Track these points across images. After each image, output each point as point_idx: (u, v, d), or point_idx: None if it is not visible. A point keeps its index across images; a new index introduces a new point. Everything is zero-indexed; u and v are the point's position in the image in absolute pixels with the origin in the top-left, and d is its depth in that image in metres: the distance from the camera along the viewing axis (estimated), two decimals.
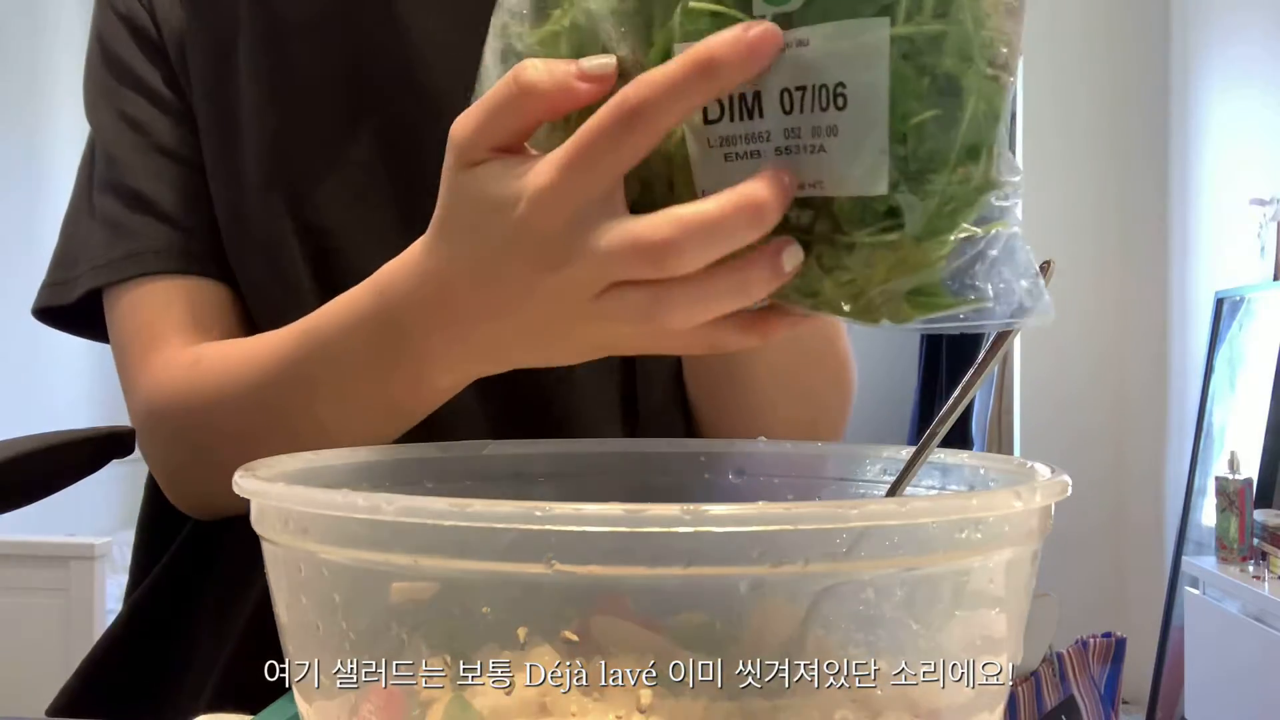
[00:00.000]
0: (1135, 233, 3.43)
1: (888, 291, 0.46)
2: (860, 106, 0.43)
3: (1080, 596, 3.22)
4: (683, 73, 0.44)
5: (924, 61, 0.43)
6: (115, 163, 0.80)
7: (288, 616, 0.44)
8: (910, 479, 0.51)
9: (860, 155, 0.44)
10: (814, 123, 0.44)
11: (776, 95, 0.45)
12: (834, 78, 0.44)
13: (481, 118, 0.50)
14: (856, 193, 0.44)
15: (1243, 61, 2.99)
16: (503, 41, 0.52)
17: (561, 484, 0.60)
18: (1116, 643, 0.69)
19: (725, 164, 0.46)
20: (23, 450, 0.57)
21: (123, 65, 0.82)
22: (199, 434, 0.74)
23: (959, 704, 0.42)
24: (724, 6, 0.45)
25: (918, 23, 0.43)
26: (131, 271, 0.78)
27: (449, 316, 0.56)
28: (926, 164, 0.44)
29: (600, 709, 0.40)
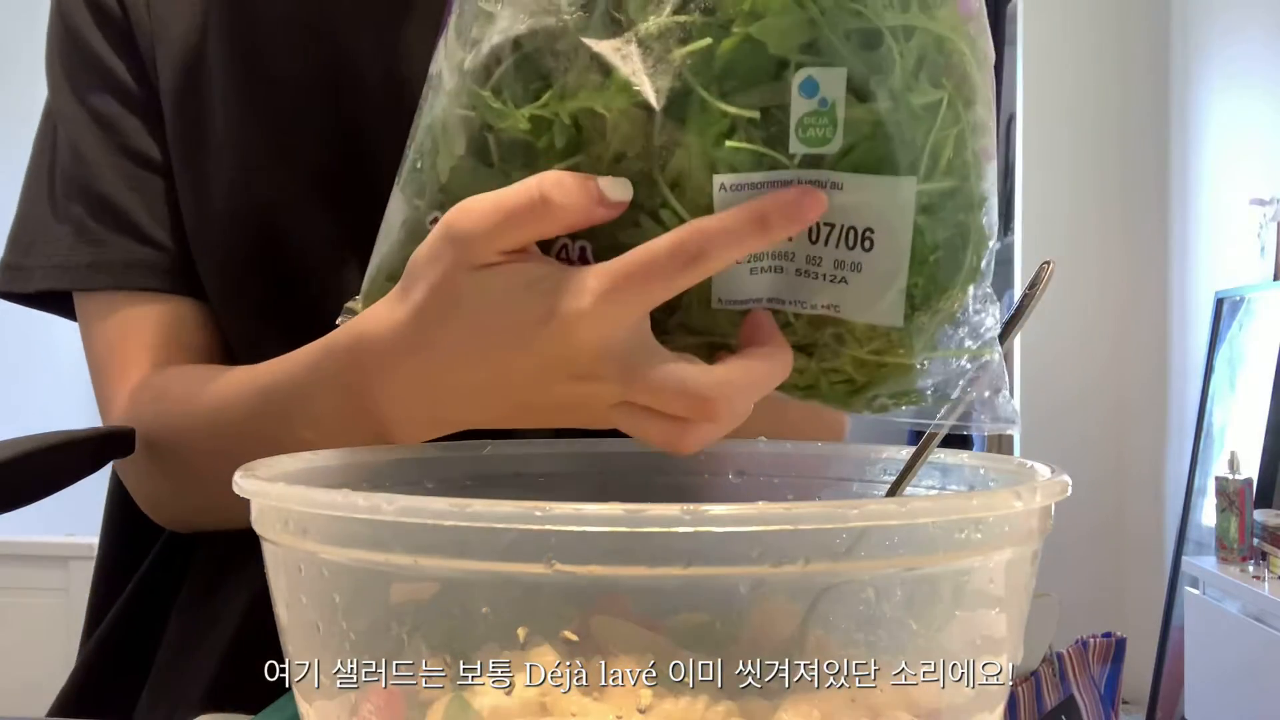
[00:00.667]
0: (1135, 233, 3.43)
1: (875, 392, 0.53)
2: (886, 251, 0.49)
3: (1080, 596, 3.22)
4: (739, 225, 0.48)
5: (940, 213, 0.49)
6: (82, 161, 0.78)
7: (288, 616, 0.44)
8: (910, 479, 0.51)
9: (885, 293, 0.50)
10: (838, 256, 0.49)
11: (808, 227, 0.50)
12: (864, 223, 0.49)
13: (497, 221, 0.50)
14: (874, 322, 0.50)
15: (1243, 61, 2.99)
16: (469, 109, 0.52)
17: (561, 484, 0.60)
18: (1116, 643, 0.69)
19: (749, 276, 0.51)
20: (23, 450, 0.57)
21: (88, 52, 0.79)
22: (166, 468, 0.74)
23: (959, 704, 0.42)
24: (761, 147, 0.48)
25: (936, 180, 0.49)
26: (101, 283, 0.77)
27: (427, 395, 0.56)
28: (931, 300, 0.50)
29: (600, 709, 0.40)
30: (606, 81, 0.49)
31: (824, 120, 0.48)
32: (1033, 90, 3.50)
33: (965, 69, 0.49)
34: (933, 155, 0.49)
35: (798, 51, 0.48)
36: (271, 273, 0.76)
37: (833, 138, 0.48)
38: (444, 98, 0.54)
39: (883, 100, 0.48)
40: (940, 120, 0.49)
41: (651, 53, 0.48)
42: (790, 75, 0.48)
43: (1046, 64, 3.48)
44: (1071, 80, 3.46)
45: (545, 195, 0.49)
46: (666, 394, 0.50)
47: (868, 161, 0.48)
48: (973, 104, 0.50)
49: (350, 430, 0.61)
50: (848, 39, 0.47)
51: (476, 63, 0.52)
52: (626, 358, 0.50)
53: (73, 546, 2.63)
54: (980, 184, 0.50)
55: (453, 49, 0.54)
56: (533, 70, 0.51)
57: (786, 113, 0.48)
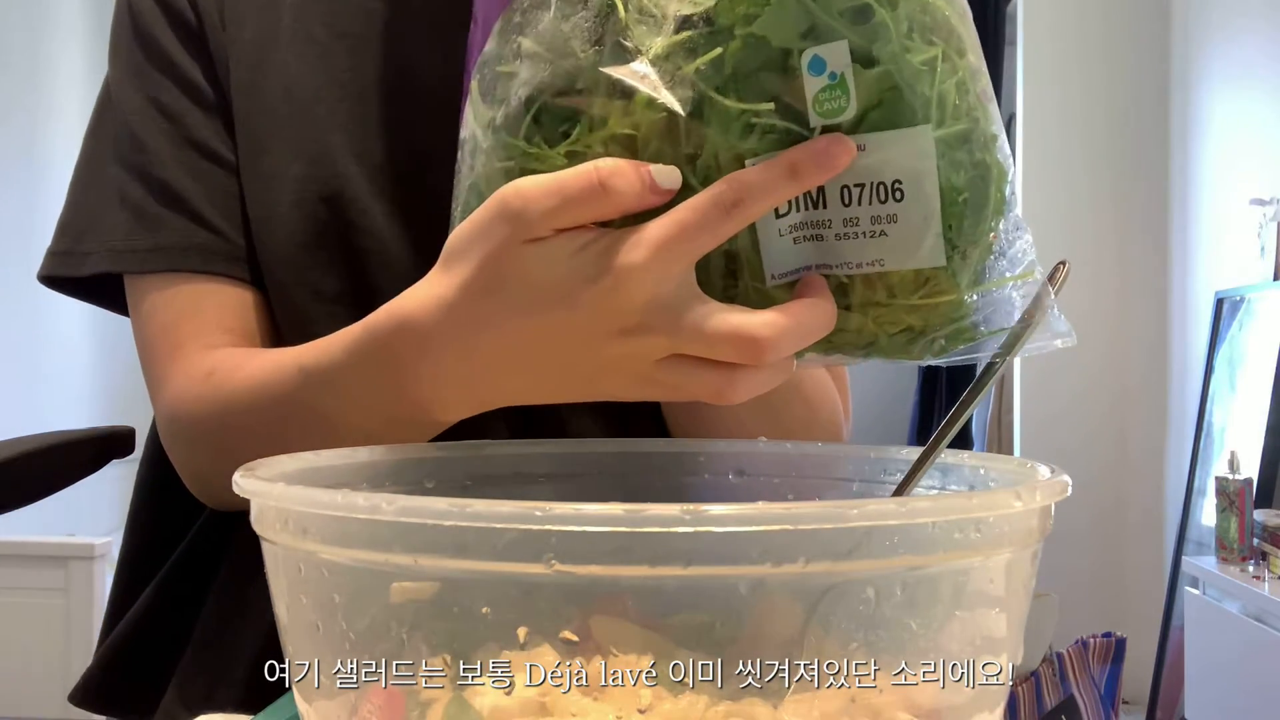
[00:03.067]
0: (1135, 233, 3.43)
1: (932, 335, 0.56)
2: (917, 198, 0.53)
3: (1080, 596, 3.22)
4: (773, 175, 0.52)
5: (959, 156, 0.53)
6: (143, 149, 0.80)
7: (288, 616, 0.44)
8: (917, 481, 0.51)
9: (924, 237, 0.53)
10: (873, 213, 0.53)
11: (837, 191, 0.53)
12: (891, 176, 0.53)
13: (556, 202, 0.53)
14: (919, 266, 0.54)
15: (1243, 61, 2.99)
16: (507, 160, 0.56)
17: (561, 484, 0.60)
18: (1116, 643, 0.69)
19: (793, 246, 0.55)
20: (23, 450, 0.57)
21: (156, 48, 0.81)
22: (214, 444, 0.75)
23: (959, 704, 0.42)
24: (781, 121, 0.53)
25: (948, 125, 0.53)
26: (158, 265, 0.78)
27: (470, 370, 0.58)
28: (969, 236, 0.54)
29: (600, 709, 0.40)
30: (630, 105, 0.53)
31: (837, 92, 0.52)
32: (1033, 90, 3.50)
33: (951, 24, 0.53)
34: (940, 104, 0.52)
35: (799, 39, 0.52)
36: (331, 260, 0.78)
37: (847, 106, 0.52)
38: (481, 156, 0.58)
39: (886, 63, 0.52)
40: (940, 72, 0.52)
41: (666, 70, 0.53)
42: (797, 60, 0.52)
43: (1046, 64, 3.48)
44: (1071, 80, 3.46)
45: (604, 179, 0.52)
46: (717, 337, 0.53)
47: (883, 120, 0.52)
48: (964, 53, 0.54)
49: (390, 409, 0.63)
50: (841, 17, 0.52)
51: (507, 117, 0.56)
52: (677, 306, 0.53)
53: (73, 546, 2.63)
54: (989, 123, 0.54)
55: (480, 111, 0.58)
56: (560, 112, 0.55)
57: (801, 95, 0.52)
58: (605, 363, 0.55)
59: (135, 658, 0.83)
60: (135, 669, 0.83)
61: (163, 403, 0.78)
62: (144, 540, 0.87)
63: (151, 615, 0.84)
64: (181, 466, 0.80)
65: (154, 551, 0.86)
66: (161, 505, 0.85)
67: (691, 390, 0.55)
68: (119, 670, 0.84)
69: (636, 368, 0.55)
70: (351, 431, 0.63)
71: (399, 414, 0.63)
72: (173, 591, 0.84)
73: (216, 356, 0.76)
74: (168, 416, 0.77)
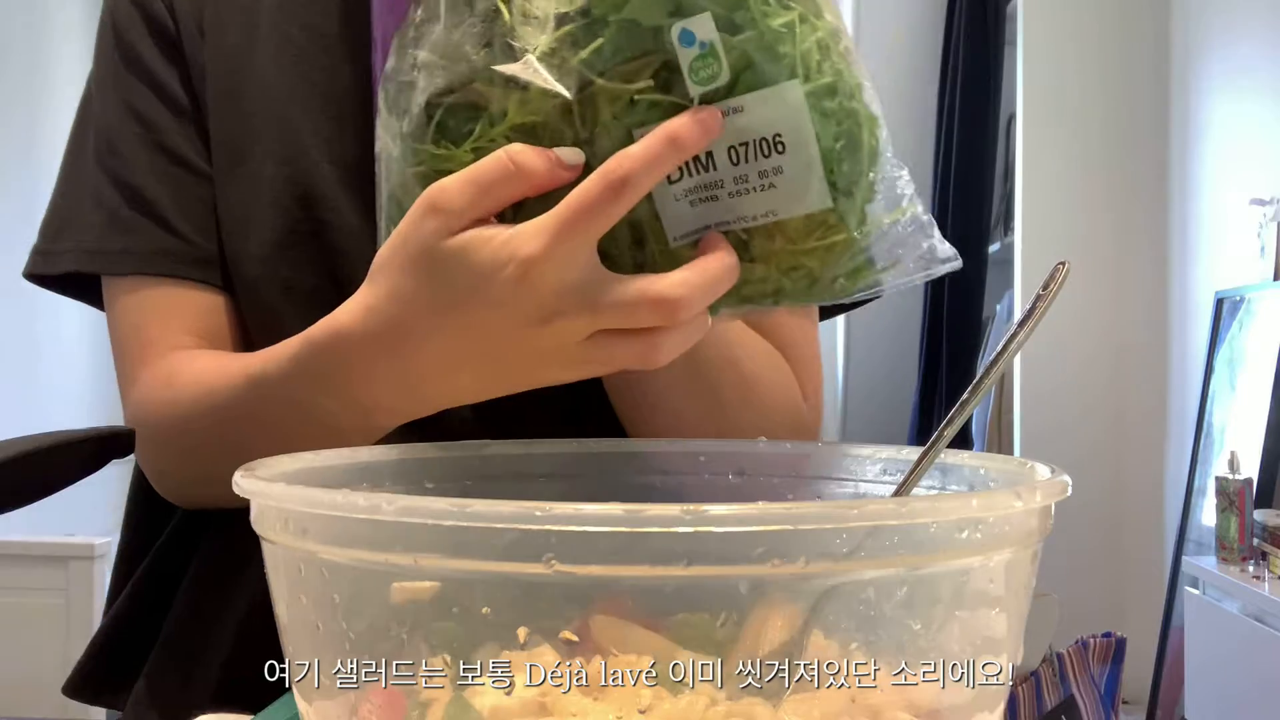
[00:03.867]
0: (1135, 232, 3.43)
1: (832, 275, 0.60)
2: (797, 148, 0.57)
3: (1080, 596, 3.22)
4: (657, 147, 0.55)
5: (827, 105, 0.58)
6: (117, 153, 0.81)
7: (288, 616, 0.44)
8: (917, 481, 0.51)
9: (809, 183, 0.58)
10: (760, 168, 0.58)
11: (725, 152, 0.58)
12: (770, 131, 0.57)
13: (472, 192, 0.56)
14: (808, 210, 0.58)
15: (1243, 61, 2.99)
16: (418, 165, 0.60)
17: (561, 484, 0.60)
18: (1116, 643, 0.69)
19: (691, 209, 0.59)
20: (23, 450, 0.57)
21: (134, 54, 0.83)
22: (175, 447, 0.77)
23: (959, 704, 0.42)
24: (663, 95, 0.57)
25: (815, 79, 0.57)
26: (127, 268, 0.80)
27: (407, 373, 0.61)
28: (850, 178, 0.58)
29: (600, 709, 0.40)
30: (526, 96, 0.58)
31: (709, 60, 0.56)
32: (1033, 90, 3.50)
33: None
34: (804, 61, 0.57)
35: (666, 16, 0.56)
36: (305, 258, 0.79)
37: (720, 72, 0.56)
38: (395, 164, 0.62)
39: (748, 29, 0.56)
40: (800, 32, 0.57)
41: (553, 64, 0.57)
42: (668, 36, 0.56)
43: (1046, 64, 3.48)
44: (1071, 80, 3.46)
45: (514, 159, 0.56)
46: (631, 306, 0.56)
47: (756, 81, 0.57)
48: (821, 14, 0.58)
49: (333, 417, 0.65)
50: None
51: (412, 124, 0.60)
52: (586, 288, 0.56)
53: (72, 546, 2.63)
54: (853, 76, 0.59)
55: (389, 123, 0.63)
56: (461, 113, 0.59)
57: (677, 68, 0.57)
58: (535, 351, 0.58)
59: (119, 650, 0.85)
60: (120, 661, 0.85)
61: (129, 404, 0.80)
62: (136, 537, 0.89)
63: (131, 610, 0.85)
64: (146, 466, 0.82)
65: (145, 548, 0.87)
66: (151, 503, 0.86)
67: (621, 360, 0.58)
68: (105, 662, 0.85)
69: (566, 351, 0.58)
70: (299, 438, 0.63)
71: (343, 422, 0.65)
72: (149, 587, 0.85)
73: (177, 360, 0.78)
74: (132, 419, 0.79)
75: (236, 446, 0.64)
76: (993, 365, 0.49)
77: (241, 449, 0.60)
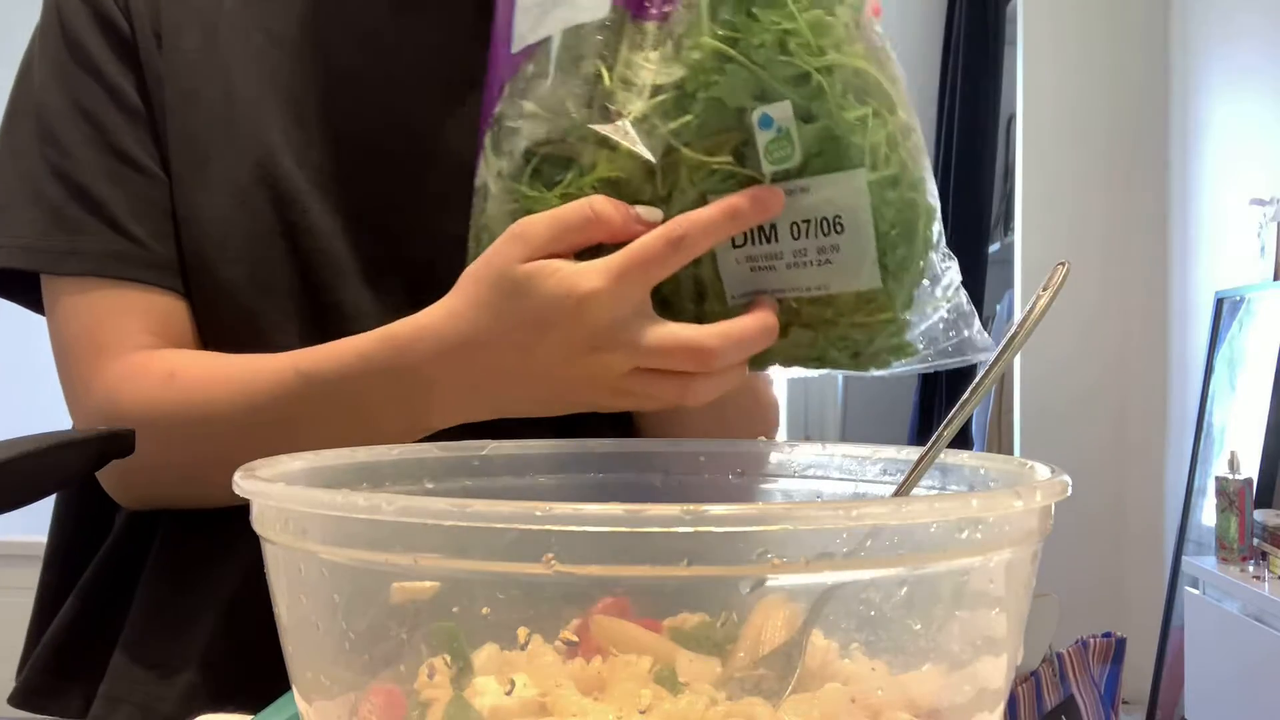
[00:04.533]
0: (1135, 233, 3.43)
1: (875, 349, 0.66)
2: (855, 231, 0.62)
3: (1080, 596, 3.22)
4: (717, 216, 0.62)
5: (889, 195, 0.62)
6: (64, 152, 0.79)
7: (288, 616, 0.44)
8: (917, 481, 0.51)
9: (862, 264, 0.63)
10: (819, 244, 0.63)
11: (787, 227, 0.63)
12: (832, 212, 0.62)
13: (555, 229, 0.63)
14: (858, 289, 0.63)
15: (1243, 61, 2.99)
16: (513, 203, 0.67)
17: (561, 484, 0.60)
18: (1116, 643, 0.69)
19: (750, 273, 0.65)
20: (23, 450, 0.57)
21: (84, 52, 0.80)
22: (171, 442, 0.75)
23: (959, 704, 0.42)
24: (738, 168, 0.63)
25: (880, 170, 0.62)
26: (76, 268, 0.78)
27: (472, 378, 0.67)
28: (901, 263, 0.63)
29: (600, 709, 0.40)
30: (615, 154, 0.64)
31: (784, 143, 0.62)
32: (1033, 90, 3.50)
33: (882, 88, 0.63)
34: (873, 152, 0.62)
35: (751, 99, 0.62)
36: (281, 258, 0.79)
37: (792, 154, 0.62)
38: (491, 200, 0.69)
39: (823, 119, 0.61)
40: (871, 126, 0.62)
41: (644, 128, 0.63)
42: (750, 117, 0.62)
43: (1046, 64, 3.48)
44: (1071, 80, 3.46)
45: (595, 207, 0.63)
46: (670, 350, 0.62)
47: (824, 165, 0.62)
48: (894, 112, 0.63)
49: (390, 417, 0.69)
50: (785, 82, 0.61)
51: (512, 166, 0.67)
52: (635, 328, 0.63)
53: None
54: (917, 170, 0.63)
55: (491, 162, 0.69)
56: (556, 161, 0.66)
57: (754, 145, 0.62)
58: (581, 377, 0.64)
59: (72, 658, 0.83)
60: (72, 669, 0.82)
61: (95, 400, 0.77)
62: (71, 543, 0.86)
63: (82, 616, 0.83)
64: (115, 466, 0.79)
65: (79, 554, 0.85)
66: (87, 508, 0.84)
67: (656, 397, 0.65)
68: (57, 671, 0.83)
69: (607, 380, 0.64)
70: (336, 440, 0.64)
71: (394, 423, 0.69)
72: (97, 591, 0.83)
73: (173, 359, 0.76)
74: (103, 414, 0.76)
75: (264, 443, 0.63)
76: (992, 365, 0.49)
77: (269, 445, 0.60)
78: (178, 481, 0.78)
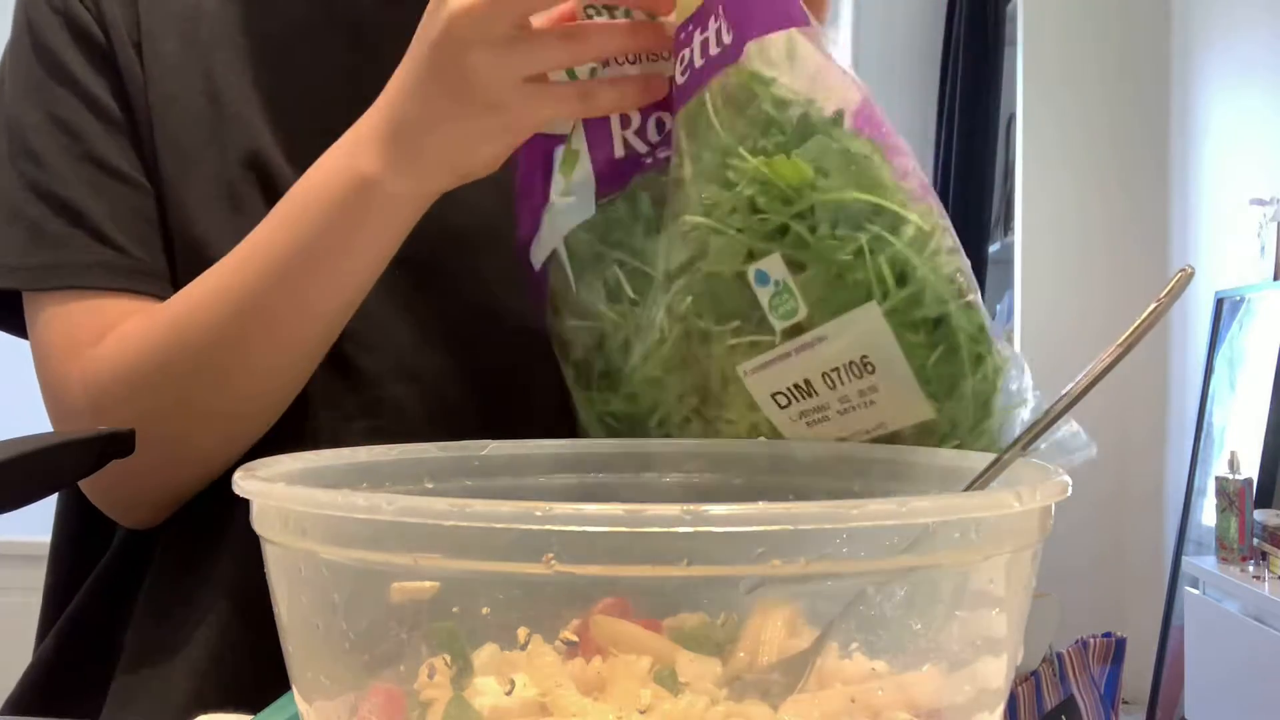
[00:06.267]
0: (1135, 233, 3.43)
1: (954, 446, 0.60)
2: (886, 366, 0.58)
3: (1080, 596, 3.22)
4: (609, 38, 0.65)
5: (912, 318, 0.58)
6: (41, 165, 0.78)
7: (288, 616, 0.44)
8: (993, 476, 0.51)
9: (907, 397, 0.58)
10: (858, 388, 0.58)
11: (820, 379, 0.59)
12: (857, 354, 0.58)
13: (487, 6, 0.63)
14: (915, 422, 0.59)
15: (1243, 61, 2.99)
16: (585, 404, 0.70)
17: (561, 484, 0.60)
18: (1116, 643, 0.69)
19: (809, 429, 0.61)
20: (23, 450, 0.57)
21: (57, 62, 0.79)
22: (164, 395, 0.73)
23: (959, 704, 0.42)
24: (752, 337, 0.60)
25: (894, 296, 0.57)
26: (56, 282, 0.76)
27: (397, 134, 0.67)
28: (949, 386, 0.58)
29: (600, 709, 0.40)
30: (664, 336, 0.63)
31: (785, 296, 0.59)
32: (1033, 90, 3.50)
33: (881, 207, 0.58)
34: (880, 281, 0.57)
35: (743, 262, 0.59)
36: None
37: (797, 306, 0.58)
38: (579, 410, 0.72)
39: (815, 265, 0.58)
40: (870, 255, 0.57)
41: (673, 314, 0.62)
42: (748, 278, 0.59)
43: (1046, 64, 3.48)
44: (1071, 80, 3.46)
45: None
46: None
47: (833, 309, 0.58)
48: (905, 221, 0.58)
49: (358, 220, 0.69)
50: (769, 238, 0.58)
51: (574, 373, 0.70)
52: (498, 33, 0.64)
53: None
54: (940, 279, 0.58)
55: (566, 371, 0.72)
56: (610, 360, 0.67)
57: (753, 303, 0.59)
58: (470, 72, 0.64)
59: (71, 667, 0.82)
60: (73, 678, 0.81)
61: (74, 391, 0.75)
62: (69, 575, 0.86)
63: (83, 624, 0.82)
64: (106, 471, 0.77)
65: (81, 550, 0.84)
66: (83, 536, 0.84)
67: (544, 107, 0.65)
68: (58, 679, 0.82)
69: (507, 87, 0.64)
70: (309, 300, 0.70)
71: (356, 206, 0.69)
72: (101, 599, 0.82)
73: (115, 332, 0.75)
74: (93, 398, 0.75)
75: (227, 358, 0.69)
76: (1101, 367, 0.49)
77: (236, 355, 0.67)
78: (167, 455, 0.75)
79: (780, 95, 0.59)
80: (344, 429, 0.78)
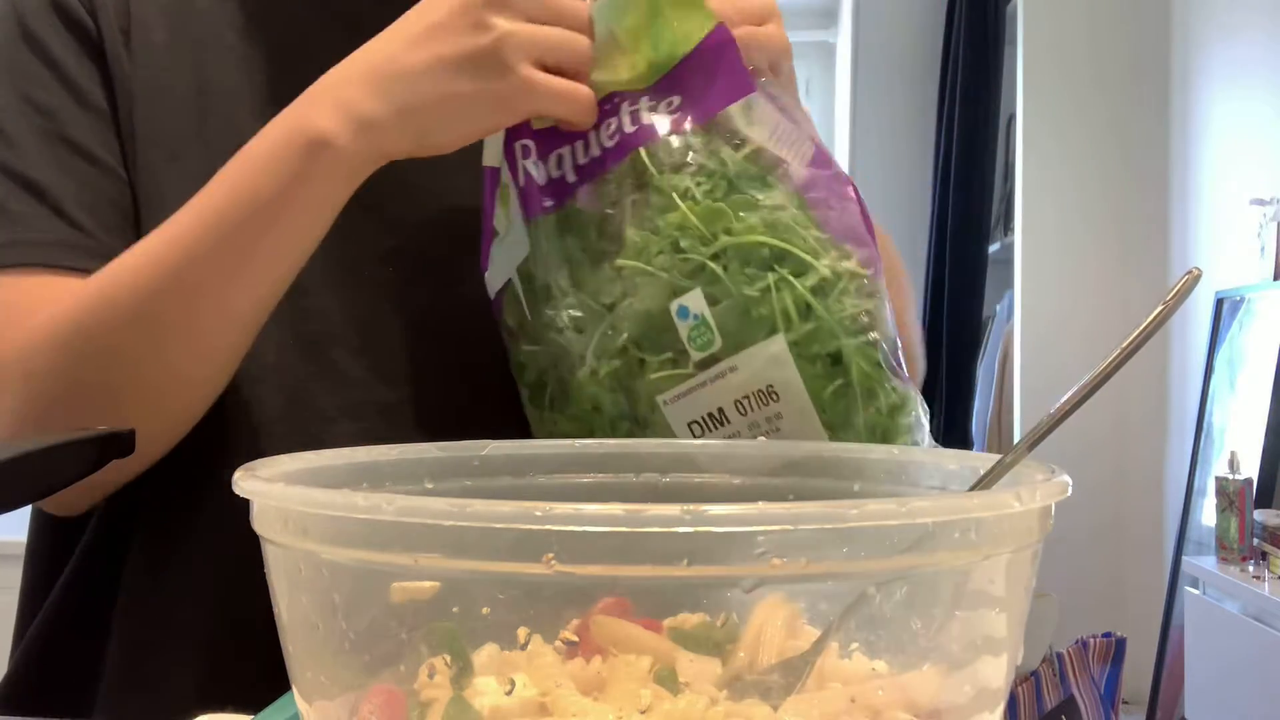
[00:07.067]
0: (1135, 233, 3.43)
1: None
2: (788, 395, 0.65)
3: (1080, 596, 3.22)
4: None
5: (811, 351, 0.65)
6: (10, 144, 0.77)
7: (288, 616, 0.44)
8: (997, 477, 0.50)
9: (806, 426, 0.65)
10: (765, 414, 0.66)
11: (732, 405, 0.66)
12: (763, 383, 0.65)
13: None
14: None
15: (1243, 61, 2.99)
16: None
17: (561, 484, 0.60)
18: (1116, 643, 0.69)
19: None
20: (23, 450, 0.57)
21: (41, 47, 0.79)
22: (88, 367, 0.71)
23: (959, 704, 0.42)
24: (672, 370, 0.67)
25: (795, 330, 0.65)
26: (10, 260, 0.75)
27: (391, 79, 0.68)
28: (845, 416, 0.66)
29: (600, 709, 0.40)
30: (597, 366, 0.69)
31: (702, 329, 0.66)
32: (1033, 90, 3.50)
33: (790, 252, 0.66)
34: (784, 316, 0.65)
35: (669, 299, 0.66)
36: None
37: (713, 338, 0.66)
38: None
39: (725, 301, 0.66)
40: (776, 294, 0.65)
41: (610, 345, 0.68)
42: (671, 312, 0.66)
43: (1046, 64, 3.48)
44: (1071, 80, 3.46)
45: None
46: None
47: (743, 341, 0.66)
48: (806, 271, 0.66)
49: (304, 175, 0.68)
50: (690, 277, 0.66)
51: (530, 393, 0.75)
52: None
53: None
54: (842, 321, 0.66)
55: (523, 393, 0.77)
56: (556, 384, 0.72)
57: (678, 335, 0.66)
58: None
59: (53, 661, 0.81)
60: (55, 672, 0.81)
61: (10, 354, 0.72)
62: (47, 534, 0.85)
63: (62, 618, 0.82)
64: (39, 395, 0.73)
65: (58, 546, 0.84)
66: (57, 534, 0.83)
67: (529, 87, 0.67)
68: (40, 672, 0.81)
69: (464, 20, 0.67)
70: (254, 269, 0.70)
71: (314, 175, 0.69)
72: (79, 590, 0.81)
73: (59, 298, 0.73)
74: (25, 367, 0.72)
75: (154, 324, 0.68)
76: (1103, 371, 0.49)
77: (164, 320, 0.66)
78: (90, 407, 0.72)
79: (721, 153, 0.67)
80: (327, 431, 0.77)
